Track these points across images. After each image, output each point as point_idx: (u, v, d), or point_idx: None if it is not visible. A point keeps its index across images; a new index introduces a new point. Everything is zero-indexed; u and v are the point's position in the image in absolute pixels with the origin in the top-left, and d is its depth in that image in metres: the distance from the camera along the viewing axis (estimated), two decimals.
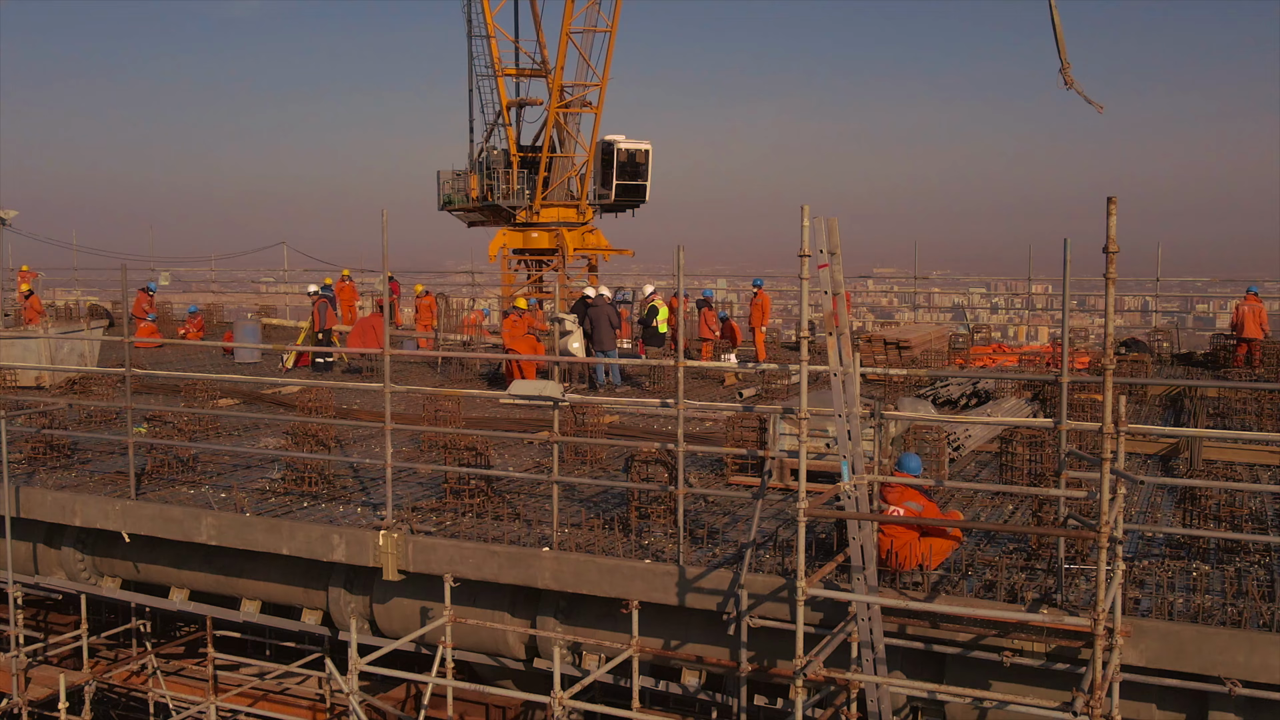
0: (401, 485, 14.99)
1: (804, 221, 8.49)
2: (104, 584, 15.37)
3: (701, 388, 23.87)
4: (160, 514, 13.68)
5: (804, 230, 8.50)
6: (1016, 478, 14.15)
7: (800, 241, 8.48)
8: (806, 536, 11.97)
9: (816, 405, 14.55)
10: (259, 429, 19.16)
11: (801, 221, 8.48)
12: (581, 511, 13.53)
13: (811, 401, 15.33)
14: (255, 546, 13.16)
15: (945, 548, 10.51)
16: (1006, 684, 10.05)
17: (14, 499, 14.24)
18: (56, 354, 23.81)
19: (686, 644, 11.73)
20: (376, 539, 12.35)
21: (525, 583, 11.81)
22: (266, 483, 14.99)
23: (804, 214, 8.49)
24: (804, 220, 8.49)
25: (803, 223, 8.49)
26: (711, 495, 13.70)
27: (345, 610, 13.55)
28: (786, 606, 10.55)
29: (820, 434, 14.37)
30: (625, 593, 11.23)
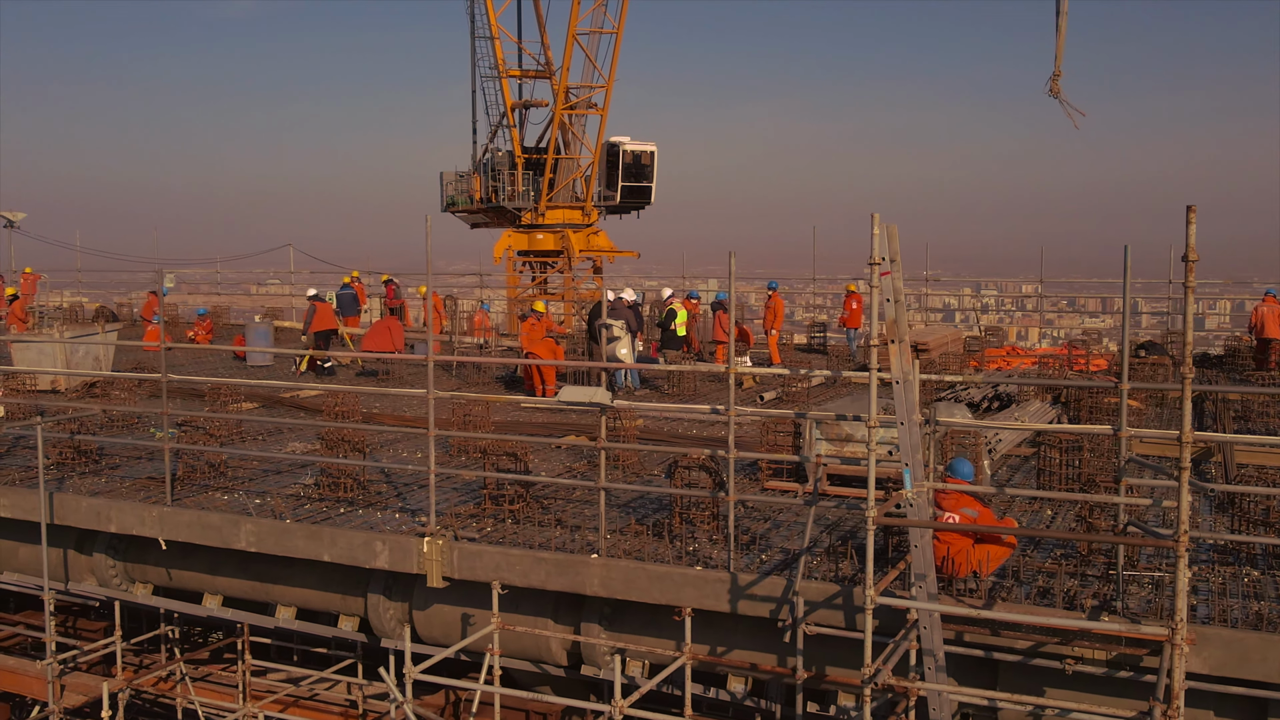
0: (439, 490, 14.92)
1: (874, 230, 8.47)
2: (135, 590, 15.30)
3: (719, 391, 23.82)
4: (198, 520, 13.61)
5: (874, 238, 8.48)
6: (1051, 482, 14.17)
7: (870, 249, 8.46)
8: (852, 542, 12.04)
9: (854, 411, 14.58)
10: (282, 433, 19.09)
11: (871, 230, 8.46)
12: (620, 517, 13.52)
13: (846, 407, 15.38)
14: (295, 553, 13.10)
15: (1000, 554, 10.51)
16: (1060, 691, 10.07)
17: (48, 505, 14.14)
18: (72, 357, 23.68)
19: (733, 650, 11.71)
20: (420, 545, 12.30)
21: (573, 589, 11.77)
22: (300, 488, 14.93)
23: (874, 222, 8.48)
24: (874, 228, 8.47)
25: (872, 230, 8.48)
26: (760, 502, 13.63)
27: (384, 617, 13.50)
28: (839, 613, 10.56)
29: (845, 440, 14.42)
30: (676, 600, 11.20)
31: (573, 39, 40.03)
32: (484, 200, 44.52)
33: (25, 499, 14.64)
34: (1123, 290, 9.53)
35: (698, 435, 18.88)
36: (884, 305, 9.30)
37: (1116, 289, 45.22)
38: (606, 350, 22.00)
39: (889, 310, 9.27)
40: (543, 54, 44.09)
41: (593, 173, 42.61)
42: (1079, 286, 62.24)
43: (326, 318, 26.65)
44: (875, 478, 13.46)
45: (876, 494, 13.16)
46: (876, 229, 8.43)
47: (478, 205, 44.78)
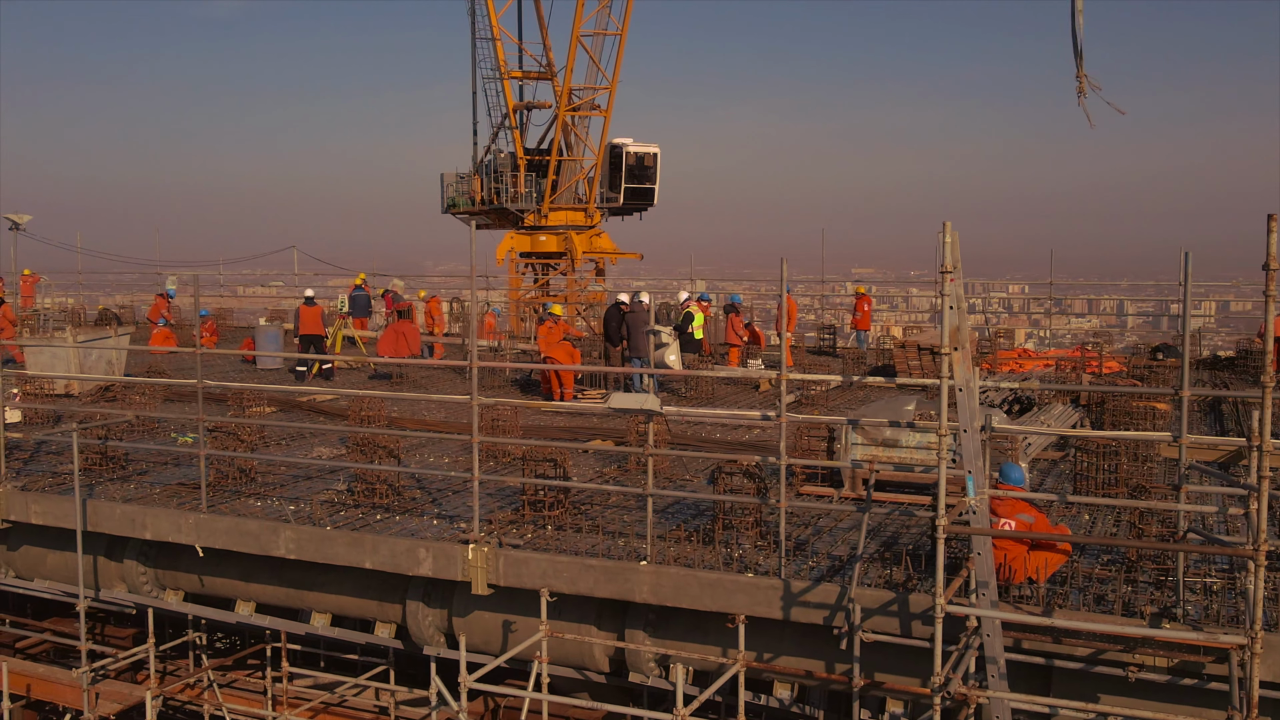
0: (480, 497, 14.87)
1: (945, 238, 8.46)
2: (166, 597, 15.22)
3: (735, 394, 23.84)
4: (236, 527, 13.53)
5: (945, 246, 8.47)
6: (1089, 487, 14.20)
7: (941, 256, 8.45)
8: (895, 548, 12.04)
9: (890, 416, 14.57)
10: (304, 437, 19.00)
11: (944, 238, 8.45)
12: (659, 523, 13.47)
13: (880, 411, 15.36)
14: (336, 560, 13.04)
15: (1057, 561, 10.51)
16: (1112, 698, 10.08)
17: (82, 512, 14.05)
18: (85, 361, 23.54)
19: (780, 656, 11.69)
20: (465, 553, 12.24)
21: (622, 597, 11.74)
22: (333, 494, 14.85)
23: (945, 230, 8.46)
24: (945, 236, 8.46)
25: (944, 239, 8.46)
26: (809, 508, 13.59)
27: (423, 624, 13.44)
28: (894, 620, 10.55)
29: (892, 445, 14.41)
30: (727, 606, 11.18)
31: (576, 41, 39.95)
32: (485, 202, 44.39)
33: (58, 506, 14.54)
34: (1182, 297, 9.52)
35: (720, 439, 18.86)
36: (947, 312, 9.27)
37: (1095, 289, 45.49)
38: (655, 356, 21.92)
39: (952, 318, 9.24)
40: (544, 55, 43.99)
41: (595, 174, 42.53)
42: (1063, 288, 62.43)
43: (310, 322, 26.26)
44: (922, 484, 13.52)
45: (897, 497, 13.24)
46: (948, 237, 8.41)
47: (479, 207, 44.65)
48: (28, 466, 16.77)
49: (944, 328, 8.78)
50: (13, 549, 15.87)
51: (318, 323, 26.20)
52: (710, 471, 15.19)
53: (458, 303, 34.86)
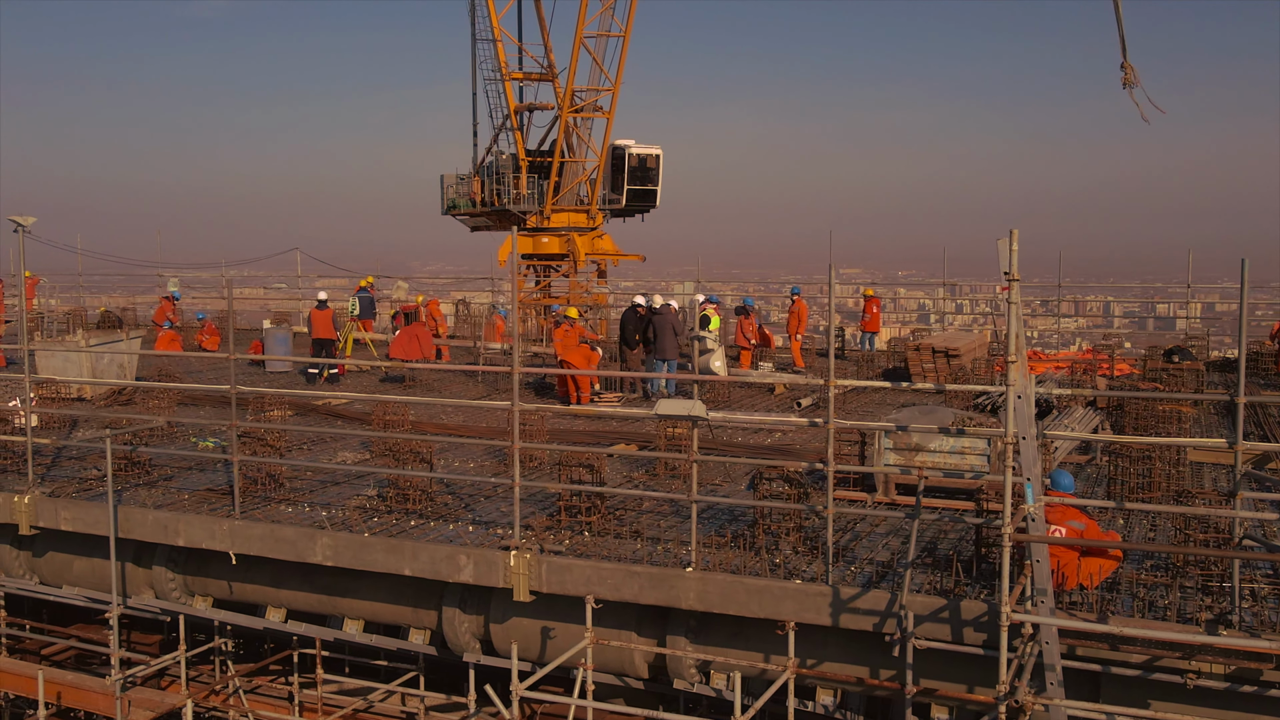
0: (505, 501, 14.84)
1: (1013, 245, 8.45)
2: (195, 603, 15.14)
3: (751, 396, 23.81)
4: (271, 534, 13.46)
5: (1013, 254, 8.46)
6: (1121, 491, 14.21)
7: (1010, 264, 8.43)
8: (935, 554, 12.04)
9: (925, 422, 14.56)
10: (324, 442, 18.92)
11: (1011, 245, 8.44)
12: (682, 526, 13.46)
13: (913, 417, 15.34)
14: (374, 567, 12.98)
15: (1109, 567, 10.52)
16: (1164, 704, 10.09)
17: (114, 518, 13.96)
18: (97, 365, 23.41)
19: (823, 662, 11.68)
20: (507, 559, 12.20)
21: (668, 603, 11.71)
22: (364, 499, 14.78)
23: (1013, 238, 8.45)
24: (1013, 244, 8.45)
25: (1012, 246, 8.45)
26: (852, 514, 13.55)
27: (459, 630, 13.40)
28: (945, 626, 10.53)
29: (926, 451, 14.41)
30: (775, 613, 11.16)
31: (579, 42, 39.89)
32: (486, 203, 44.31)
33: (88, 512, 14.45)
34: (1240, 300, 9.54)
35: (743, 443, 18.83)
36: (1008, 319, 9.27)
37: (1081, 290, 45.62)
38: (700, 362, 21.93)
39: (1011, 324, 9.24)
40: (545, 57, 43.94)
41: (598, 176, 42.49)
42: (1046, 289, 62.84)
43: (322, 325, 26.15)
44: (958, 489, 13.52)
45: (968, 505, 13.22)
46: (1015, 244, 8.40)
47: (479, 208, 44.56)
48: (50, 472, 16.66)
49: (1010, 335, 8.77)
50: (38, 555, 15.78)
51: (329, 326, 26.10)
52: (750, 476, 15.18)
53: (463, 305, 34.76)
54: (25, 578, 15.92)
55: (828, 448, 11.22)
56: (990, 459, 14.09)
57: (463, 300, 34.50)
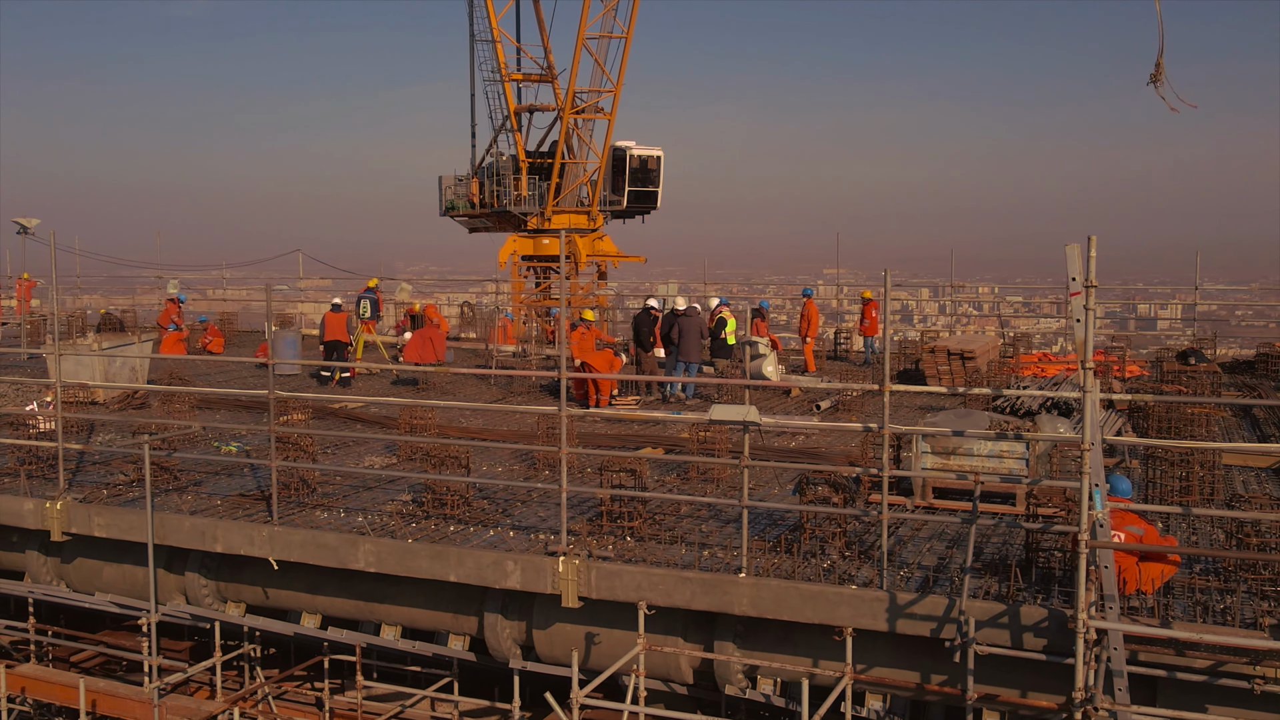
0: (543, 506, 14.79)
1: (1090, 252, 8.44)
2: (228, 609, 15.03)
3: (766, 399, 23.77)
4: (312, 540, 13.36)
5: (1090, 261, 8.45)
6: (1159, 494, 14.26)
7: (1088, 270, 8.43)
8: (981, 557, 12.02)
9: (963, 425, 14.57)
10: (345, 446, 18.82)
11: (1088, 252, 8.43)
12: (736, 533, 13.42)
13: (948, 421, 15.35)
14: (419, 573, 12.90)
15: (1169, 572, 10.53)
16: (1222, 708, 10.12)
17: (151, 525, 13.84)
18: (110, 368, 23.24)
19: (872, 668, 11.66)
20: (555, 565, 12.14)
21: (721, 609, 11.67)
22: (399, 505, 14.70)
23: (1091, 244, 8.45)
24: (1090, 250, 8.44)
25: (1089, 253, 8.45)
26: (914, 519, 13.55)
27: (501, 636, 13.33)
28: (1005, 632, 10.52)
29: (965, 454, 14.41)
30: (830, 619, 11.14)
31: (581, 43, 39.77)
32: (485, 204, 44.18)
33: (123, 518, 14.33)
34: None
35: (765, 446, 18.80)
36: (1074, 325, 9.27)
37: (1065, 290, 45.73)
38: (751, 367, 21.88)
39: (1078, 330, 9.24)
40: (545, 58, 43.80)
41: (599, 177, 42.40)
42: (1029, 290, 63.26)
43: (335, 328, 26.04)
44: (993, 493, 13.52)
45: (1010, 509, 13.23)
46: (1094, 251, 8.39)
47: (479, 209, 44.41)
48: (75, 478, 16.51)
49: (1087, 341, 8.77)
50: (66, 561, 15.63)
51: (343, 329, 25.99)
52: (794, 481, 15.15)
53: (468, 307, 34.65)
54: (52, 584, 15.78)
55: (883, 452, 11.18)
56: (1029, 462, 14.12)
57: (467, 302, 34.35)
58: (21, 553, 15.88)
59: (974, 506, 10.82)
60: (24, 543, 15.78)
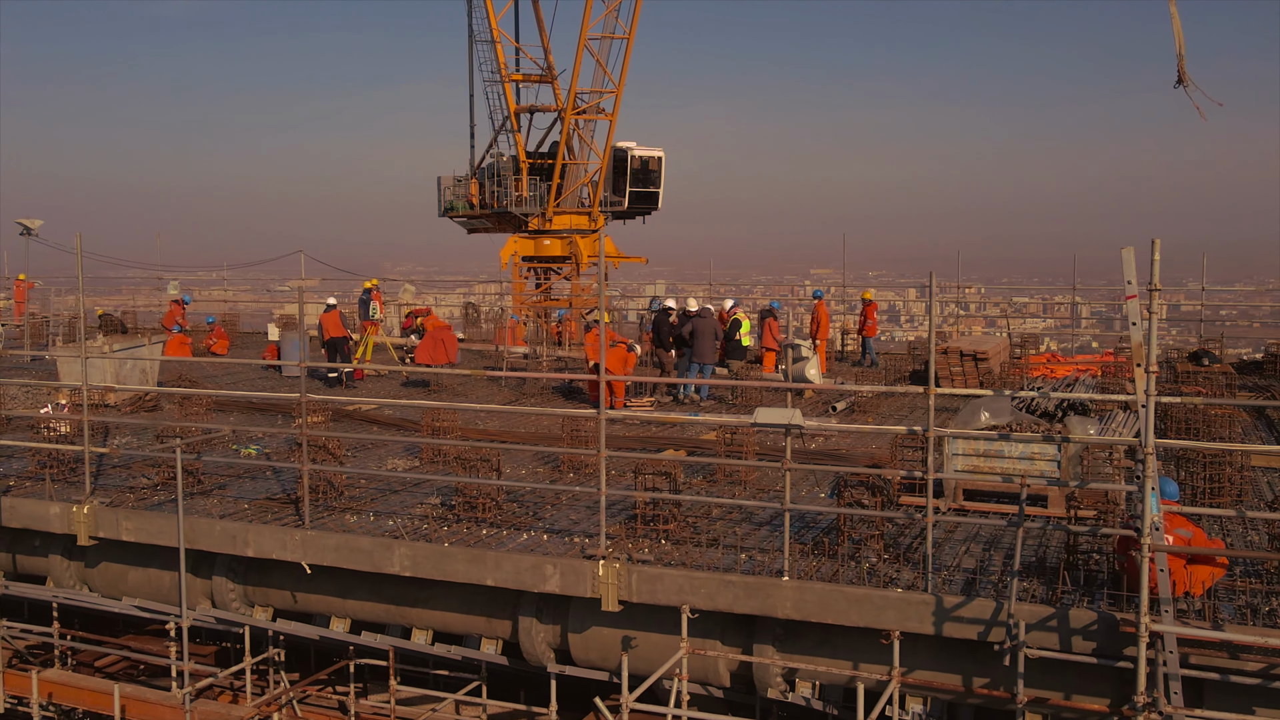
0: (573, 509, 14.74)
1: (1154, 255, 8.43)
2: (255, 613, 14.94)
3: (780, 400, 23.75)
4: (346, 544, 13.28)
5: (1153, 265, 8.45)
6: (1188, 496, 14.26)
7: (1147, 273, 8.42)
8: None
9: (996, 424, 14.55)
10: (365, 449, 18.73)
11: (1152, 255, 8.43)
12: (769, 535, 13.42)
13: (968, 414, 15.33)
14: (456, 578, 12.83)
15: (1217, 574, 10.54)
16: (1272, 711, 10.13)
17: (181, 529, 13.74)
18: (120, 371, 23.11)
19: (913, 670, 11.63)
20: (595, 569, 12.09)
21: (764, 612, 11.63)
22: (430, 508, 14.63)
23: (1154, 248, 8.44)
24: (1154, 254, 8.44)
25: (1153, 256, 8.44)
26: (961, 522, 13.52)
27: (536, 640, 13.27)
28: (1054, 635, 10.50)
29: (996, 455, 14.41)
30: (876, 622, 11.11)
31: (583, 44, 39.75)
32: (484, 205, 44.14)
33: (151, 522, 14.23)
34: None
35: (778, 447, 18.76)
36: (1131, 328, 9.27)
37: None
38: (793, 370, 21.84)
39: (1135, 334, 9.24)
40: (544, 59, 43.79)
41: (600, 178, 42.38)
42: (1016, 290, 63.43)
43: (332, 326, 25.96)
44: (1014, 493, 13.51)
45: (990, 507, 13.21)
46: (1157, 254, 8.39)
47: (480, 210, 44.38)
48: (95, 482, 16.37)
49: (1149, 345, 8.76)
50: (90, 565, 15.52)
51: (339, 326, 25.92)
52: (829, 483, 15.13)
53: (472, 308, 34.57)
54: (75, 588, 15.66)
55: (928, 456, 11.17)
56: (1060, 464, 14.12)
57: (471, 304, 34.28)
58: (44, 557, 15.77)
59: (1020, 509, 10.80)
60: (47, 547, 15.67)
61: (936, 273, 38.48)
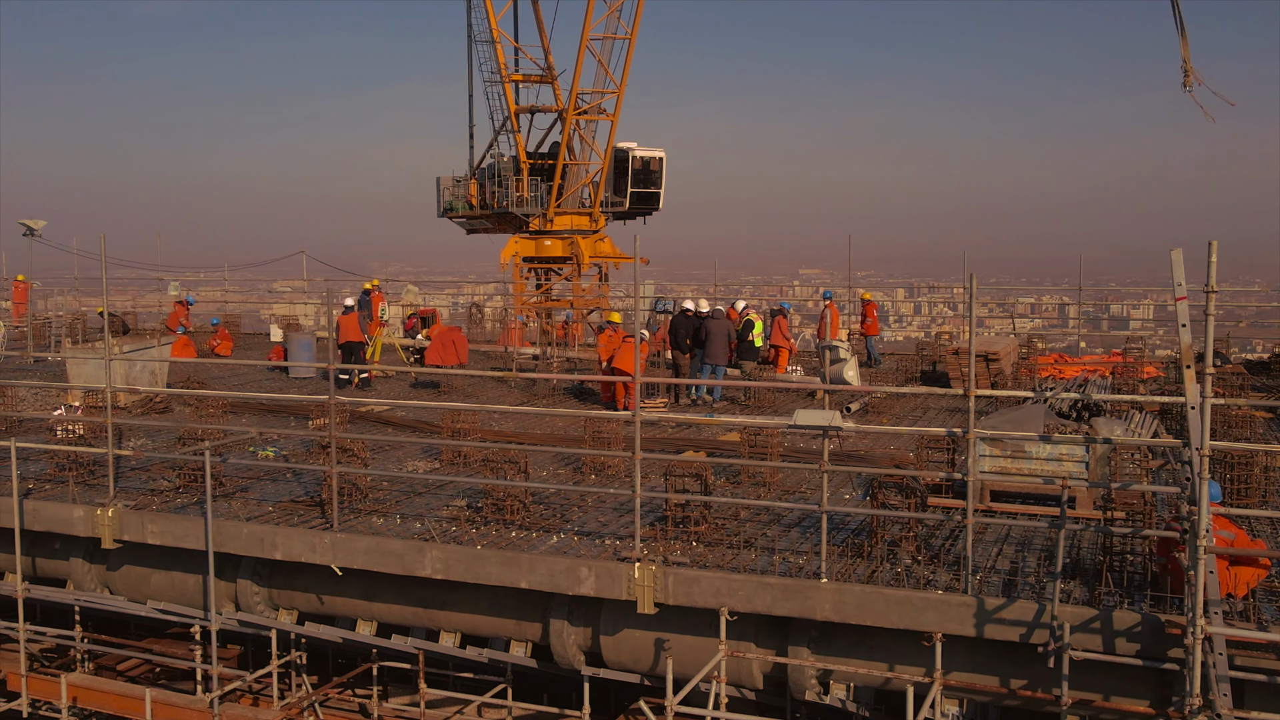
0: (599, 511, 14.71)
1: (1211, 257, 8.43)
2: (280, 616, 14.87)
3: (791, 401, 23.74)
4: (377, 547, 13.22)
5: (1210, 266, 8.44)
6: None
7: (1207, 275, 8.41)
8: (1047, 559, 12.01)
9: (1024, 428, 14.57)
10: (382, 450, 18.66)
11: (1209, 257, 8.42)
12: (800, 538, 13.41)
13: (998, 424, 15.35)
14: (489, 580, 12.78)
15: (1260, 575, 10.55)
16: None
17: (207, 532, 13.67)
18: (130, 372, 22.98)
19: (950, 673, 11.62)
20: (630, 571, 12.05)
21: (802, 615, 11.60)
22: (456, 510, 14.57)
23: (1211, 250, 8.43)
24: (1211, 256, 8.43)
25: (1210, 258, 8.44)
26: (1001, 524, 13.52)
27: (567, 642, 13.23)
28: (1097, 637, 10.49)
29: (1022, 456, 14.42)
30: (916, 624, 11.09)
31: (585, 45, 39.67)
32: (485, 205, 44.06)
33: (178, 525, 14.15)
34: None
35: (804, 448, 18.77)
36: (1180, 330, 9.27)
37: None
38: (831, 372, 21.79)
39: (1185, 336, 9.24)
40: (544, 59, 43.70)
41: (601, 179, 42.33)
42: (1005, 290, 63.83)
43: (349, 329, 25.83)
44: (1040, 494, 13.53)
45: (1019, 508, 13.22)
46: (1214, 257, 8.38)
47: (480, 211, 44.29)
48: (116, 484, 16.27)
49: (1205, 347, 8.75)
50: (112, 569, 15.43)
51: (356, 330, 25.78)
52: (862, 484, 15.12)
53: (476, 309, 34.49)
54: (96, 591, 15.57)
55: (970, 459, 11.15)
56: (1088, 465, 14.13)
57: (473, 305, 34.19)
58: (65, 560, 15.68)
59: (1061, 511, 10.79)
60: (68, 550, 15.58)
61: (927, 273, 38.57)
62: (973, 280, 10.93)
